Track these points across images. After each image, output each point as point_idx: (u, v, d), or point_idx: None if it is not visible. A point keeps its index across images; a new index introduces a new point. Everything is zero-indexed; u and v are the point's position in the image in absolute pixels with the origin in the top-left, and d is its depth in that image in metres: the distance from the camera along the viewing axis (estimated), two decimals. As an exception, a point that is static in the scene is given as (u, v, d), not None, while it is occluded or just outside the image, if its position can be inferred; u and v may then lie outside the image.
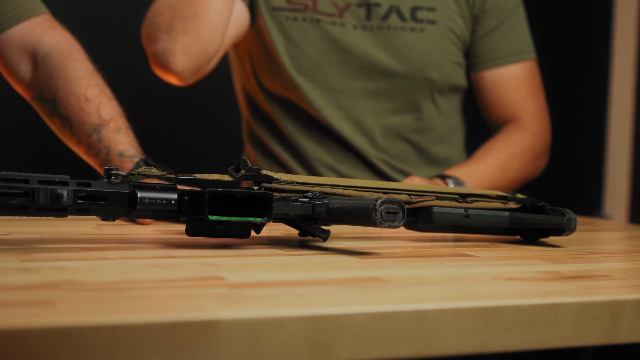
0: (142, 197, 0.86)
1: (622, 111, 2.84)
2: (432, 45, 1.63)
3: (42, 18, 1.31)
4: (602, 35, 2.86)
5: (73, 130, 1.25)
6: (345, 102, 1.62)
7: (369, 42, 1.61)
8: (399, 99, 1.64)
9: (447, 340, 0.64)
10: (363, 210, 0.87)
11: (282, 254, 0.89)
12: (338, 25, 1.60)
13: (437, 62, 1.63)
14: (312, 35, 1.60)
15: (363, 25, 1.61)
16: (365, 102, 1.63)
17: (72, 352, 0.54)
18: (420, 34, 1.62)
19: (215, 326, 0.58)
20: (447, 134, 1.70)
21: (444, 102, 1.67)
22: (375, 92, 1.63)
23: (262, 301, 0.63)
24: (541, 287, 0.74)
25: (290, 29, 1.60)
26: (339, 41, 1.61)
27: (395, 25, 1.62)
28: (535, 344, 0.68)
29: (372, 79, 1.62)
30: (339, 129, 1.62)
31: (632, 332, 0.71)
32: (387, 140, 1.64)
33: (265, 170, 0.96)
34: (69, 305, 0.59)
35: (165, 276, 0.73)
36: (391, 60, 1.61)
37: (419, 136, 1.66)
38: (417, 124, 1.66)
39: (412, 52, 1.62)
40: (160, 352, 0.56)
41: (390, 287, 0.71)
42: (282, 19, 1.60)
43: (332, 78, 1.61)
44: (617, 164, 2.87)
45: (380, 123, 1.63)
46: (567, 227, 1.03)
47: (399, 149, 1.65)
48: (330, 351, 0.61)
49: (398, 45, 1.62)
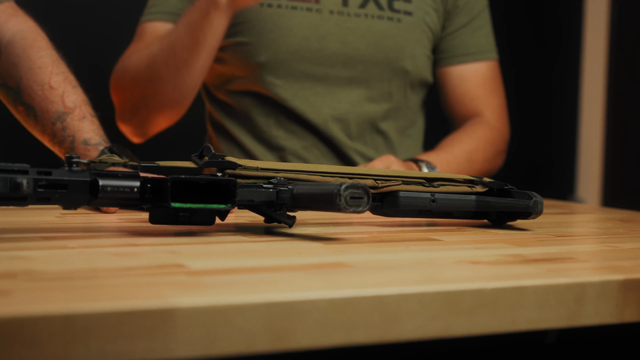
0: (103, 185, 0.85)
1: (594, 95, 2.85)
2: (408, 36, 1.63)
3: (4, 5, 1.29)
4: (573, 20, 2.87)
5: (37, 119, 1.24)
6: (320, 89, 1.61)
7: (346, 29, 1.60)
8: (374, 87, 1.63)
9: (409, 324, 0.64)
10: (327, 196, 0.86)
11: (247, 240, 0.88)
12: (314, 12, 1.59)
13: (412, 53, 1.63)
14: (288, 21, 1.58)
15: (340, 12, 1.60)
16: (340, 89, 1.62)
17: (25, 342, 0.53)
18: (397, 24, 1.62)
19: (172, 314, 0.57)
20: (408, 126, 1.70)
21: (412, 95, 1.68)
22: (351, 80, 1.62)
23: (221, 288, 0.63)
24: (505, 271, 0.74)
25: (265, 16, 1.58)
26: (315, 27, 1.59)
27: (373, 14, 1.61)
28: (498, 328, 0.67)
29: (348, 66, 1.61)
30: (309, 117, 1.61)
31: (595, 315, 0.71)
32: (361, 128, 1.64)
33: (230, 157, 0.95)
34: (23, 295, 0.58)
35: (126, 264, 0.72)
36: (368, 48, 1.61)
37: (387, 125, 1.66)
38: (387, 114, 1.66)
39: (388, 41, 1.61)
40: (116, 341, 0.56)
41: (353, 272, 0.70)
42: (256, 7, 1.58)
43: (307, 65, 1.60)
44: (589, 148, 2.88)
45: (356, 110, 1.62)
46: (533, 210, 1.03)
47: (370, 138, 1.65)
48: (290, 338, 0.60)
49: (375, 34, 1.61)
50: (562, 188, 2.91)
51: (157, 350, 0.57)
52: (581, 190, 2.92)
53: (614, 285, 0.71)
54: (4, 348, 0.53)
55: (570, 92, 2.88)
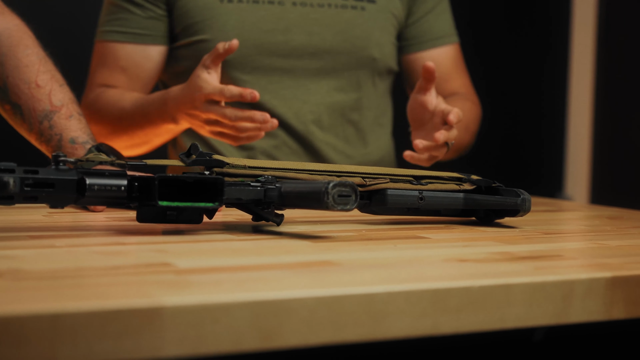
0: (91, 184, 0.84)
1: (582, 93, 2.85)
2: (373, 24, 1.62)
3: None
4: (561, 18, 2.87)
5: (24, 117, 1.23)
6: (289, 82, 1.60)
7: (311, 20, 1.59)
8: (342, 77, 1.62)
9: (397, 323, 0.64)
10: (315, 194, 0.86)
11: (235, 239, 0.88)
12: (277, 4, 1.58)
13: (378, 41, 1.63)
14: (251, 16, 1.57)
15: (302, 3, 1.59)
16: (309, 81, 1.61)
17: (11, 342, 0.53)
18: (361, 12, 1.62)
19: (159, 313, 0.57)
20: (379, 115, 1.70)
21: (380, 82, 1.67)
22: (319, 71, 1.61)
23: (208, 287, 0.62)
24: (493, 268, 0.74)
25: (226, 12, 1.56)
26: (279, 20, 1.58)
27: (336, 3, 1.60)
28: (486, 325, 0.67)
29: (316, 56, 1.60)
30: (280, 112, 1.59)
31: (583, 312, 0.71)
32: (332, 119, 1.63)
33: (217, 155, 0.95)
34: (10, 294, 0.58)
35: (113, 263, 0.71)
36: (334, 37, 1.60)
37: (358, 115, 1.65)
38: (358, 103, 1.65)
39: (355, 30, 1.61)
40: (103, 340, 0.55)
41: (341, 270, 0.70)
42: (216, 3, 1.56)
43: (274, 59, 1.58)
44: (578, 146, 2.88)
45: (326, 101, 1.61)
46: (521, 208, 1.03)
47: (341, 129, 1.64)
48: (278, 336, 0.60)
49: (340, 23, 1.60)
50: (550, 185, 2.92)
51: (144, 349, 0.56)
52: (569, 187, 2.92)
53: (601, 282, 0.71)
54: (-10, 348, 0.53)
55: (559, 90, 2.89)
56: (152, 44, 1.59)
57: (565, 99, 2.89)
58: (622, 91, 2.76)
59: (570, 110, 2.89)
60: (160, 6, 1.57)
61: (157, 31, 1.58)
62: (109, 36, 1.59)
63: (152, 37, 1.58)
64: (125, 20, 1.58)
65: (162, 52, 1.60)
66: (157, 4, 1.57)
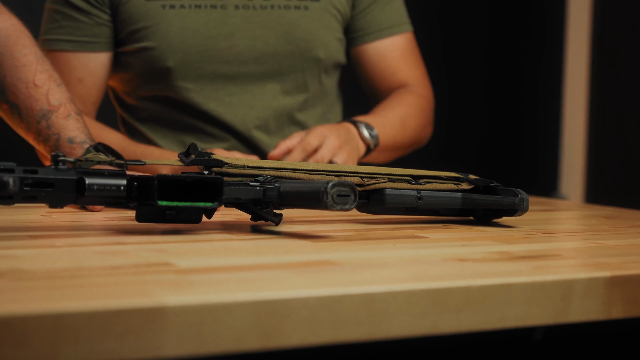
0: (90, 184, 0.85)
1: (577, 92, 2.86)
2: (317, 23, 1.60)
3: None
4: (556, 17, 2.88)
5: (22, 117, 1.23)
6: (234, 89, 1.58)
7: (254, 23, 1.57)
8: (288, 80, 1.61)
9: (397, 322, 0.64)
10: (314, 194, 0.86)
11: (234, 238, 0.88)
12: (219, 8, 1.55)
13: (323, 40, 1.61)
14: (193, 22, 1.54)
15: (245, 5, 1.56)
16: (254, 86, 1.59)
17: (13, 342, 0.53)
18: (304, 12, 1.59)
19: (161, 313, 0.57)
20: (327, 111, 1.69)
21: (327, 79, 1.66)
22: (264, 75, 1.59)
23: (209, 286, 0.63)
24: (492, 268, 0.74)
25: (169, 18, 1.53)
26: (221, 25, 1.55)
27: (279, 4, 1.58)
28: (486, 325, 0.68)
29: (260, 61, 1.58)
30: (227, 119, 1.58)
31: (582, 311, 0.71)
32: (279, 122, 1.61)
33: (216, 155, 0.95)
34: (11, 294, 0.58)
35: (114, 263, 0.72)
36: (278, 40, 1.58)
37: (304, 115, 1.64)
38: (304, 104, 1.64)
39: (299, 31, 1.59)
40: (105, 340, 0.56)
41: (341, 270, 0.71)
42: (158, 9, 1.53)
43: (218, 65, 1.56)
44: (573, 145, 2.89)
45: (272, 106, 1.60)
46: (519, 208, 1.03)
47: (289, 131, 1.62)
48: (279, 336, 0.60)
49: (283, 25, 1.58)
50: (545, 185, 2.92)
51: (146, 348, 0.57)
52: (564, 186, 2.93)
53: (600, 282, 0.72)
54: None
55: (554, 89, 2.90)
56: (102, 51, 1.55)
57: (560, 98, 2.89)
58: (616, 90, 2.76)
59: (565, 109, 2.89)
60: (105, 11, 1.54)
61: (104, 37, 1.54)
62: (57, 45, 1.54)
63: (101, 44, 1.55)
64: (72, 29, 1.54)
65: (111, 58, 1.57)
66: (102, 9, 1.53)
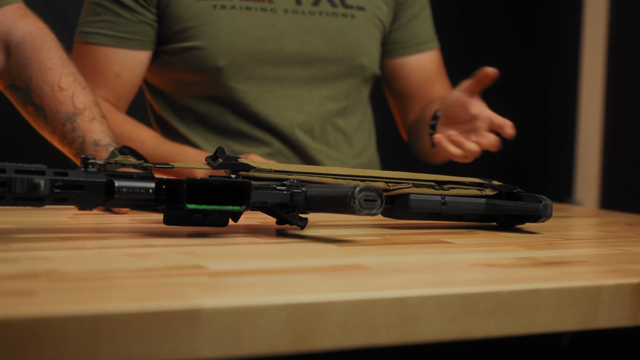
0: (119, 186, 0.85)
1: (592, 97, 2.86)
2: (363, 32, 1.62)
3: (14, 6, 1.29)
4: (572, 21, 2.88)
5: (47, 120, 1.24)
6: (281, 92, 1.58)
7: (302, 28, 1.58)
8: (333, 85, 1.62)
9: (428, 326, 0.65)
10: (341, 198, 0.87)
11: (261, 242, 0.89)
12: (269, 11, 1.57)
13: (367, 49, 1.63)
14: (244, 23, 1.55)
15: (294, 10, 1.57)
16: (301, 90, 1.60)
17: (53, 342, 0.54)
18: (351, 20, 1.61)
19: (197, 315, 0.57)
20: (362, 119, 1.70)
21: (364, 88, 1.68)
22: (311, 79, 1.60)
23: (243, 289, 0.63)
24: (520, 273, 0.74)
25: (219, 18, 1.54)
26: (272, 28, 1.56)
27: (327, 11, 1.59)
28: (515, 330, 0.68)
29: (308, 65, 1.59)
30: (274, 121, 1.58)
31: (610, 317, 0.72)
32: (323, 128, 1.62)
33: (243, 159, 0.96)
34: (49, 295, 0.59)
35: (145, 265, 0.72)
36: (326, 46, 1.59)
37: (344, 122, 1.65)
38: (345, 110, 1.65)
39: (345, 39, 1.60)
40: (142, 341, 0.56)
41: (371, 274, 0.71)
42: (209, 9, 1.54)
43: (266, 67, 1.56)
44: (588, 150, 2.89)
45: (318, 110, 1.61)
46: (543, 214, 1.03)
47: (332, 137, 1.64)
48: (312, 339, 0.61)
49: (331, 31, 1.59)
50: (559, 190, 2.92)
51: (182, 350, 0.57)
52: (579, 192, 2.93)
53: (628, 288, 0.72)
54: (33, 347, 0.53)
55: (569, 94, 2.90)
56: (142, 49, 1.55)
57: (575, 102, 2.89)
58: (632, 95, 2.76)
59: (580, 114, 2.89)
60: (151, 10, 1.53)
61: (145, 35, 1.54)
62: (95, 39, 1.54)
63: (141, 42, 1.54)
64: (113, 24, 1.53)
65: (150, 57, 1.57)
66: (148, 8, 1.53)
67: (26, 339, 0.53)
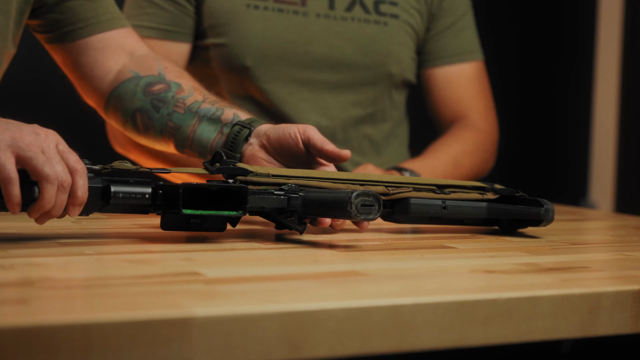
0: (115, 192, 0.85)
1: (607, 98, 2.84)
2: (394, 40, 1.61)
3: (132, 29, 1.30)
4: (587, 25, 2.87)
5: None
6: (307, 95, 1.58)
7: (333, 33, 1.58)
8: (360, 91, 1.61)
9: (424, 334, 0.64)
10: (338, 203, 0.86)
11: (260, 247, 0.88)
12: (301, 14, 1.57)
13: (398, 57, 1.62)
14: (275, 25, 1.55)
15: (326, 15, 1.57)
16: (327, 94, 1.59)
17: (43, 351, 0.53)
18: (383, 27, 1.61)
19: (189, 323, 0.57)
20: (394, 127, 1.69)
21: (397, 95, 1.66)
22: (338, 84, 1.59)
23: (236, 297, 0.63)
24: (519, 280, 0.74)
25: (251, 18, 1.54)
26: (302, 31, 1.56)
27: (360, 17, 1.59)
28: (512, 338, 0.67)
29: (335, 70, 1.59)
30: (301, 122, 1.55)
31: (610, 324, 0.71)
32: (347, 133, 1.62)
33: (241, 163, 0.95)
34: (41, 303, 0.59)
35: (142, 272, 0.72)
36: (355, 52, 1.59)
37: (372, 129, 1.65)
38: (372, 117, 1.64)
39: (376, 45, 1.60)
40: (133, 350, 0.56)
41: (368, 281, 0.71)
42: (242, 7, 1.54)
43: (294, 70, 1.56)
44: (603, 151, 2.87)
45: (342, 115, 1.60)
46: (544, 218, 1.02)
47: (357, 143, 1.63)
48: (306, 347, 0.60)
49: (362, 38, 1.59)
50: (574, 192, 2.90)
51: (173, 359, 0.57)
52: (594, 194, 2.91)
53: (628, 295, 0.71)
54: (23, 357, 0.53)
55: (584, 95, 2.88)
56: (183, 41, 1.55)
57: (590, 104, 2.88)
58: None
59: (595, 115, 2.88)
60: (191, 2, 1.54)
61: (187, 28, 1.55)
62: (139, 32, 1.50)
63: (183, 34, 1.55)
64: (157, 16, 1.54)
65: (190, 50, 1.57)
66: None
67: (14, 349, 0.53)
